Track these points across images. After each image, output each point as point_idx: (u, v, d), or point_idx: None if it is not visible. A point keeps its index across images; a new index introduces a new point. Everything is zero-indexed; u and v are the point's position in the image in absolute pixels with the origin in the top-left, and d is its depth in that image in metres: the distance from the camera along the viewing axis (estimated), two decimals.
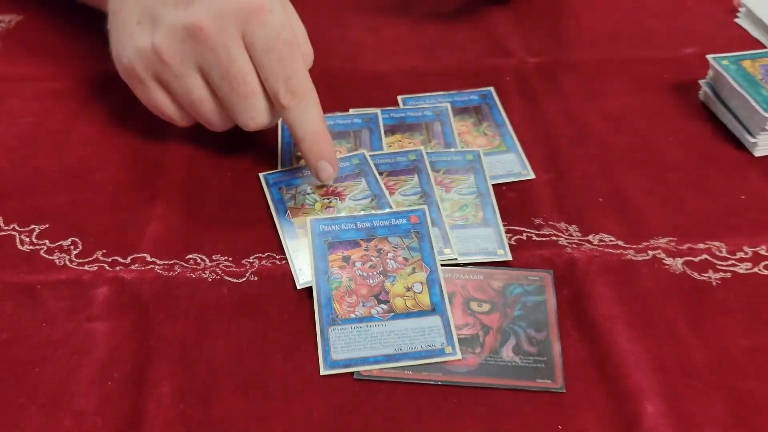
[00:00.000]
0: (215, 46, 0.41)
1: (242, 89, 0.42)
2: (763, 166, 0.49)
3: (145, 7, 0.43)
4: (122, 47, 0.44)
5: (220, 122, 0.45)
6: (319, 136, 0.42)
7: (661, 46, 0.59)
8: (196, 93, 0.43)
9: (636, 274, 0.41)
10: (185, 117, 0.46)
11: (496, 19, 0.62)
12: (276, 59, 0.41)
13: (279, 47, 0.41)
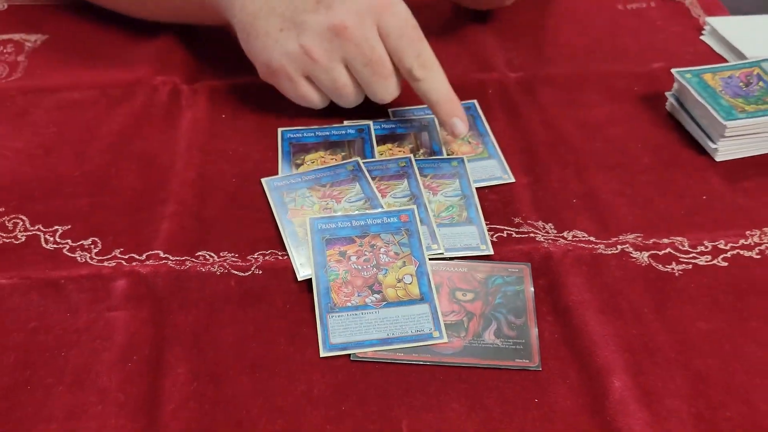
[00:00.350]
0: (358, 41, 0.49)
1: (383, 71, 0.50)
2: (723, 169, 0.53)
3: (284, 16, 0.50)
4: (270, 53, 0.51)
5: (356, 99, 0.53)
6: (450, 98, 0.51)
7: (633, 61, 0.64)
8: (341, 80, 0.51)
9: (606, 266, 0.45)
10: (325, 100, 0.54)
11: (481, 38, 0.67)
12: (408, 42, 0.49)
13: (409, 32, 0.49)
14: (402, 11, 0.50)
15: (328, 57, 0.50)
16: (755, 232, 0.48)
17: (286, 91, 0.53)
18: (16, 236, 0.46)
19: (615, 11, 0.71)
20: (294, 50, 0.50)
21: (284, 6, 0.50)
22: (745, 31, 0.66)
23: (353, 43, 0.49)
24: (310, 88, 0.53)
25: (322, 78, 0.51)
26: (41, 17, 0.68)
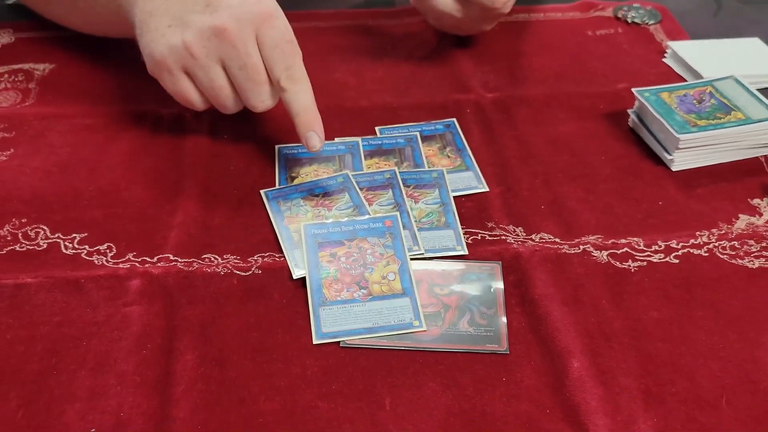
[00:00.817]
0: (236, 43, 0.52)
1: (256, 77, 0.53)
2: (678, 178, 0.59)
3: (174, 15, 0.54)
4: (155, 45, 0.54)
5: (233, 106, 0.56)
6: (309, 112, 0.54)
7: (599, 82, 0.70)
8: (218, 81, 0.54)
9: (569, 263, 0.51)
10: (204, 102, 0.57)
11: (459, 62, 0.73)
12: (280, 53, 0.53)
13: (283, 45, 0.53)
14: (280, 25, 0.53)
15: (206, 54, 0.53)
16: (704, 233, 0.53)
17: (167, 85, 0.56)
18: (38, 243, 0.51)
19: (584, 37, 0.77)
20: (176, 44, 0.53)
21: (177, 6, 0.54)
22: (703, 54, 0.72)
23: (230, 45, 0.52)
24: (189, 85, 0.55)
25: (201, 75, 0.54)
26: (47, 48, 0.73)
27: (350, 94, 0.68)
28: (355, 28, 0.78)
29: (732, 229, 0.54)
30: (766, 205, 0.56)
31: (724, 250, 0.52)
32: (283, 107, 0.54)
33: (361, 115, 0.65)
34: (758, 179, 0.59)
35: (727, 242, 0.53)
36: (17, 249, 0.51)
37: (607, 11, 0.81)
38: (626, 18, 0.80)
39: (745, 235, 0.53)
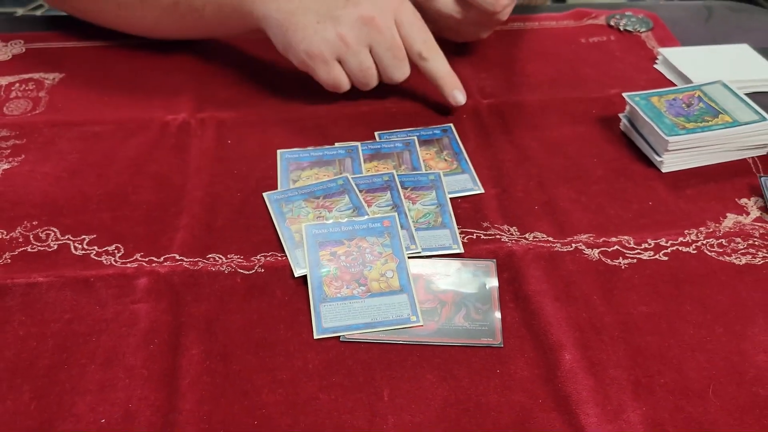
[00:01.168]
0: (383, 29, 0.62)
1: (400, 54, 0.63)
2: (667, 179, 0.60)
3: (319, 11, 0.62)
4: (309, 42, 0.62)
5: (375, 82, 0.65)
6: (451, 74, 0.66)
7: (592, 88, 0.72)
8: (366, 63, 0.63)
9: (561, 260, 0.52)
10: (349, 83, 0.65)
11: (456, 68, 0.74)
12: (416, 30, 0.63)
13: (416, 22, 0.63)
14: (409, 7, 0.63)
15: (358, 42, 0.61)
16: (693, 231, 0.55)
17: (321, 74, 0.64)
18: (49, 245, 0.53)
19: (577, 44, 0.79)
20: (332, 38, 0.61)
21: (318, 5, 0.61)
22: (692, 60, 0.74)
23: (378, 31, 0.61)
24: (341, 71, 0.63)
25: (352, 61, 0.63)
26: (57, 58, 0.75)
27: (351, 100, 0.70)
28: None
29: (720, 227, 0.56)
30: (753, 205, 0.58)
31: (712, 248, 0.54)
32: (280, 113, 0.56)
33: (361, 120, 0.67)
34: (746, 180, 0.60)
35: (715, 240, 0.54)
36: (29, 250, 0.53)
37: (600, 19, 0.83)
38: (618, 26, 0.82)
39: (733, 233, 0.55)
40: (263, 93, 0.71)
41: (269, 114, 0.68)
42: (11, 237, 0.54)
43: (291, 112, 0.68)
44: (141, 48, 0.77)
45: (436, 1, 0.69)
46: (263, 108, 0.69)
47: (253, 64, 0.75)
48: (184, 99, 0.70)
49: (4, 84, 0.71)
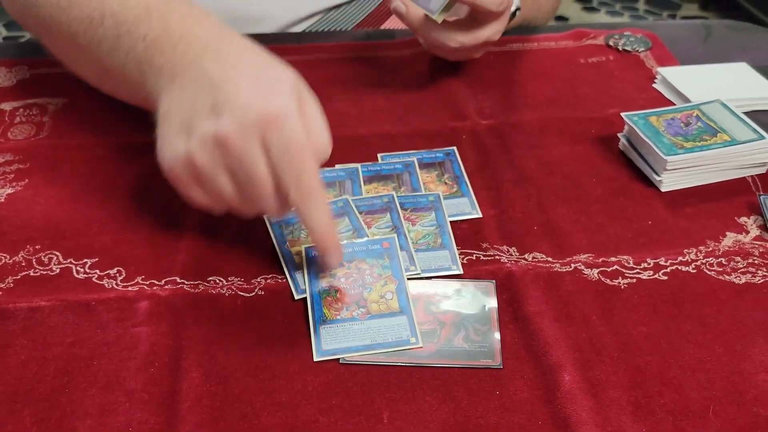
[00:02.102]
0: (240, 155, 0.46)
1: (262, 191, 0.47)
2: (666, 198, 0.61)
3: (183, 118, 0.49)
4: (164, 153, 0.50)
5: (248, 212, 0.50)
6: (325, 232, 0.48)
7: (591, 107, 0.72)
8: (226, 191, 0.48)
9: (560, 281, 0.53)
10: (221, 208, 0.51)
11: (455, 90, 0.75)
12: (287, 163, 0.46)
13: (290, 150, 0.46)
14: (288, 129, 0.46)
15: (211, 166, 0.47)
16: (692, 250, 0.55)
17: (180, 191, 0.51)
18: (51, 268, 0.54)
19: (576, 64, 0.80)
20: (182, 154, 0.48)
21: (186, 108, 0.49)
22: (691, 79, 0.74)
23: (234, 156, 0.47)
24: (202, 194, 0.50)
25: (208, 186, 0.49)
26: (60, 83, 0.76)
27: (351, 123, 0.71)
28: (356, 60, 0.81)
29: (719, 246, 0.56)
30: (752, 223, 0.58)
31: (712, 267, 0.54)
32: None
33: (361, 142, 0.68)
34: (745, 198, 0.61)
35: (714, 259, 0.55)
36: (31, 274, 0.53)
37: (599, 39, 0.84)
38: (617, 46, 0.82)
39: (732, 252, 0.55)
40: None
41: None
42: (14, 261, 0.54)
43: None
44: None
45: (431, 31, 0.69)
46: None
47: None
48: None
49: (9, 109, 0.72)
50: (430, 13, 0.68)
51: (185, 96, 0.49)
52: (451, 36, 0.70)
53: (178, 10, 0.54)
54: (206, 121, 0.47)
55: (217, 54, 0.50)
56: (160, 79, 0.52)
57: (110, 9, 0.56)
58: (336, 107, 0.73)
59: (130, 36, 0.55)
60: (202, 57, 0.50)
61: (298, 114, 0.47)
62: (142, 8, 0.55)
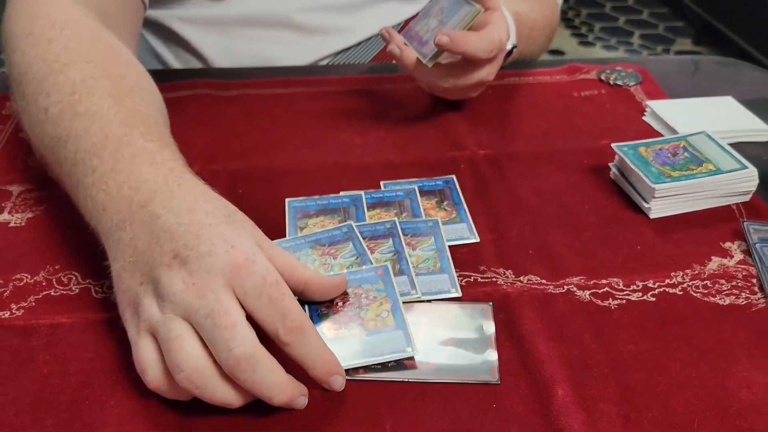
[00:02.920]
0: (204, 294, 0.44)
1: (225, 321, 0.43)
2: (655, 225, 0.64)
3: (143, 271, 0.47)
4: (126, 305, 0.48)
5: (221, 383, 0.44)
6: (325, 359, 0.47)
7: (584, 139, 0.76)
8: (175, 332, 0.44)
9: (554, 302, 0.55)
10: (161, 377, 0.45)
11: (455, 122, 0.79)
12: (267, 302, 0.44)
13: (267, 290, 0.44)
14: (258, 270, 0.45)
15: (170, 309, 0.45)
16: (679, 273, 0.58)
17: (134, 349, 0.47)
18: (71, 288, 0.57)
19: (570, 98, 0.84)
20: (147, 309, 0.46)
21: (146, 260, 0.47)
22: (678, 112, 0.78)
23: (198, 296, 0.44)
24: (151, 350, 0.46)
25: (161, 331, 0.45)
26: None
27: (356, 152, 0.74)
28: (361, 93, 0.84)
29: (705, 269, 0.59)
30: (736, 248, 0.61)
31: (697, 289, 0.57)
32: (289, 164, 0.60)
33: (365, 170, 0.71)
34: (730, 225, 0.64)
35: (700, 282, 0.58)
36: (52, 293, 0.56)
37: (592, 74, 0.88)
38: (609, 80, 0.86)
39: (717, 275, 0.58)
40: (273, 145, 0.75)
41: (279, 165, 0.72)
42: (35, 281, 0.57)
43: (299, 164, 0.72)
44: None
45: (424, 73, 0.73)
46: (273, 159, 0.73)
47: (263, 118, 0.79)
48: (196, 151, 0.74)
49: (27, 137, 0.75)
50: (422, 57, 0.72)
51: (140, 246, 0.47)
52: (444, 78, 0.74)
53: (132, 145, 0.53)
54: (170, 270, 0.45)
55: (169, 198, 0.48)
56: (103, 220, 0.51)
57: (75, 132, 0.55)
58: (342, 137, 0.76)
59: (84, 165, 0.53)
60: (151, 202, 0.48)
61: (264, 256, 0.46)
62: (101, 137, 0.54)
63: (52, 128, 0.58)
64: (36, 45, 0.63)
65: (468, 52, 0.70)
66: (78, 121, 0.56)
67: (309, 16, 0.92)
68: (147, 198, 0.49)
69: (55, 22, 0.65)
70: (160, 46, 0.97)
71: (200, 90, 0.84)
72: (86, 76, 0.59)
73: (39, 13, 0.66)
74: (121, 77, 0.61)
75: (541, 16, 0.93)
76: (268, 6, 0.91)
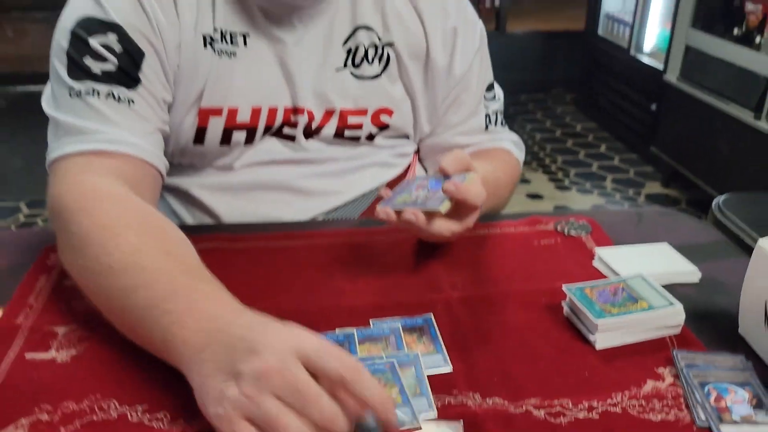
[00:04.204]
0: (281, 370, 0.57)
1: (310, 394, 0.56)
2: (600, 354, 0.76)
3: (224, 370, 0.60)
4: (217, 404, 0.59)
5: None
6: (383, 398, 0.58)
7: (541, 281, 0.89)
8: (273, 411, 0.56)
9: (514, 420, 0.67)
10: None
11: (433, 268, 0.93)
12: (326, 354, 0.58)
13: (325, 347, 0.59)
14: (316, 342, 0.59)
15: (258, 392, 0.56)
16: (619, 394, 0.70)
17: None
18: (110, 413, 0.67)
19: (531, 246, 0.98)
20: (233, 396, 0.57)
21: (225, 363, 0.60)
22: (621, 257, 0.92)
23: (278, 375, 0.56)
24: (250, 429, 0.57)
25: (257, 413, 0.56)
26: None
27: (348, 295, 0.87)
28: (351, 244, 0.99)
29: (641, 391, 0.70)
30: (668, 373, 0.73)
31: (634, 408, 0.68)
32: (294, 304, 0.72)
33: (356, 311, 0.84)
34: (663, 353, 0.76)
35: (637, 401, 0.69)
36: (94, 419, 0.67)
37: (549, 225, 1.03)
38: (564, 230, 1.01)
39: (651, 396, 0.70)
40: (277, 290, 0.88)
41: (282, 307, 0.84)
42: (80, 407, 0.68)
43: (300, 305, 0.85)
44: None
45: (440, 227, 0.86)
46: (277, 302, 0.85)
47: (267, 267, 0.93)
48: None
49: (69, 285, 0.88)
50: (434, 208, 0.85)
51: (219, 358, 0.61)
52: (446, 227, 0.87)
53: (198, 290, 0.69)
54: (249, 362, 0.58)
55: (237, 317, 0.65)
56: (186, 349, 0.64)
57: (145, 283, 0.71)
58: (336, 283, 0.90)
59: (158, 309, 0.68)
60: (228, 327, 0.63)
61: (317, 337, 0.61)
62: (170, 286, 0.70)
63: (120, 281, 0.72)
64: (91, 215, 0.79)
65: (469, 198, 0.85)
66: (145, 275, 0.72)
67: (306, 181, 1.09)
68: (221, 325, 0.64)
69: (101, 196, 0.82)
70: (177, 205, 1.13)
71: (214, 243, 0.98)
72: (141, 237, 0.76)
73: (84, 190, 0.84)
74: (164, 234, 0.78)
75: (504, 174, 1.09)
76: (272, 175, 1.08)
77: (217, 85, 0.98)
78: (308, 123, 1.06)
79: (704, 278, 0.91)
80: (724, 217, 1.29)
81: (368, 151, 1.13)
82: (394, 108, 1.09)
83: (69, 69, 0.90)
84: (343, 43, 1.04)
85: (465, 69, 1.10)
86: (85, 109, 0.89)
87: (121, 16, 0.90)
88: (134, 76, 0.91)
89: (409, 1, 1.05)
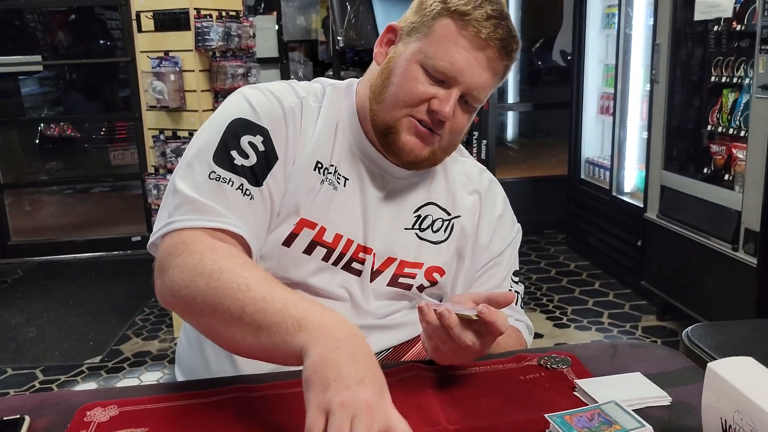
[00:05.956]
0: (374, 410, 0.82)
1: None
2: None
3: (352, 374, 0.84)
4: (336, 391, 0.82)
5: None
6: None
7: (527, 411, 0.99)
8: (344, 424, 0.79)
9: None
10: None
11: (431, 403, 1.03)
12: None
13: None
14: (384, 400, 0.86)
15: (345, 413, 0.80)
16: None
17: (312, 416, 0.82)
18: None
19: (518, 380, 1.09)
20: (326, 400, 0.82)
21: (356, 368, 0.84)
22: (599, 386, 1.03)
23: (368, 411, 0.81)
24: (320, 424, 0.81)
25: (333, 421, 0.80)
26: (142, 417, 1.03)
27: None
28: None
29: None
30: None
31: None
32: None
33: None
34: None
35: None
36: None
37: (534, 361, 1.15)
38: (547, 365, 1.13)
39: None
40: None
41: None
42: None
43: None
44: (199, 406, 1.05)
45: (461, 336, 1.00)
46: None
47: (282, 411, 1.03)
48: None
49: None
50: (466, 315, 0.99)
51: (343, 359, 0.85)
52: (469, 336, 1.01)
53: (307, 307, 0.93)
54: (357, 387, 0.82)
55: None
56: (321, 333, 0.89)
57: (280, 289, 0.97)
58: None
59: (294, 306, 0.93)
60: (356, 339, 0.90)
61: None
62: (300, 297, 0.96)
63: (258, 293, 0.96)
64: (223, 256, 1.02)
65: (497, 322, 0.99)
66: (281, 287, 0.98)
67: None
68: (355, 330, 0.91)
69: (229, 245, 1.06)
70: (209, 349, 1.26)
71: (236, 393, 1.09)
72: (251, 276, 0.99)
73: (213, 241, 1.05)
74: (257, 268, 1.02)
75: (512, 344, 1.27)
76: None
77: (317, 204, 1.18)
78: (372, 263, 1.23)
79: (675, 402, 1.01)
80: (693, 345, 1.41)
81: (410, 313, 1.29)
82: (446, 269, 1.29)
83: (216, 153, 1.11)
84: (414, 211, 1.27)
85: (500, 250, 1.33)
86: (218, 193, 1.09)
87: (269, 123, 1.14)
88: (264, 175, 1.13)
89: (474, 191, 1.32)
